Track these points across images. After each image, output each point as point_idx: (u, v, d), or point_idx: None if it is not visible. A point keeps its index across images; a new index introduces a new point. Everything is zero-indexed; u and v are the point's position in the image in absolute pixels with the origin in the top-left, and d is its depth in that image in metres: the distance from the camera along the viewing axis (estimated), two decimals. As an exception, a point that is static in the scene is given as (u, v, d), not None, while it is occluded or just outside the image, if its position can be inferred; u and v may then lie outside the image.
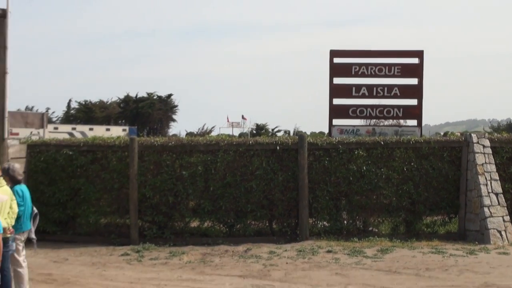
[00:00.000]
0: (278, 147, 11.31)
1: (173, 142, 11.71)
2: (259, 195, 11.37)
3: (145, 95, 69.75)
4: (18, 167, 7.68)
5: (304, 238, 10.97)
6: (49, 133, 27.72)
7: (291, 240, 11.10)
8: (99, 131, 35.14)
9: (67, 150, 11.68)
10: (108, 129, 44.56)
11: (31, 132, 24.36)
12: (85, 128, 42.14)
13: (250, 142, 11.70)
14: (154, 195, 11.33)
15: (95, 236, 11.66)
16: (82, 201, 11.69)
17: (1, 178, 6.97)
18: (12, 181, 7.32)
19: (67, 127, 42.97)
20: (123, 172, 11.42)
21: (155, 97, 70.46)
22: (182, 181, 11.28)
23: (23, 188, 7.52)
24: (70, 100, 71.70)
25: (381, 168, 11.42)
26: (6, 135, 10.90)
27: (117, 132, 36.02)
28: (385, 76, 14.02)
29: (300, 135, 11.38)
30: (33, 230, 7.85)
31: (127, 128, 50.74)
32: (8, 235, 6.71)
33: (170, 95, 71.14)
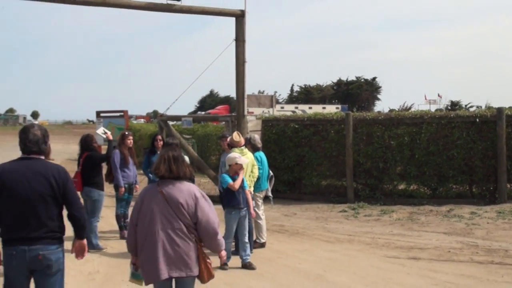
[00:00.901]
0: (477, 119, 11.82)
1: (382, 116, 13.04)
2: (459, 162, 11.97)
3: (354, 79, 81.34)
4: (257, 137, 8.81)
5: (503, 201, 11.30)
6: (276, 112, 30.94)
7: (489, 203, 11.46)
8: (316, 109, 39.17)
9: (293, 124, 13.61)
10: (324, 108, 49.54)
11: (263, 111, 27.38)
12: (305, 107, 47.20)
13: (452, 115, 12.38)
14: (366, 161, 12.60)
15: (317, 195, 13.20)
16: (306, 166, 13.35)
17: (245, 147, 8.04)
18: (253, 148, 8.36)
19: (291, 107, 49.10)
20: (340, 142, 12.85)
21: (362, 80, 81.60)
22: (390, 150, 12.39)
23: (261, 154, 8.55)
24: (292, 85, 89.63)
25: None
26: (245, 113, 12.74)
27: (331, 110, 39.31)
28: None
29: (498, 108, 11.77)
30: (269, 189, 8.80)
31: (339, 106, 56.45)
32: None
33: (374, 78, 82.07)
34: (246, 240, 7.32)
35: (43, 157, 4.29)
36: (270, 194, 8.84)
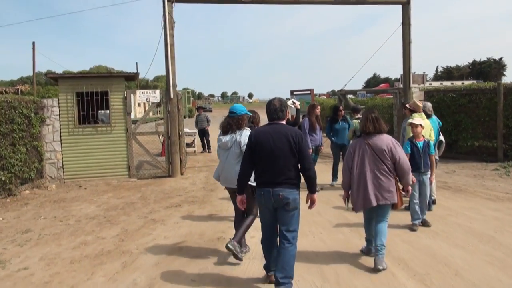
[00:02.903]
0: None
1: None
2: None
3: (485, 59, 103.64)
4: (429, 104, 9.11)
5: None
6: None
7: None
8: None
9: (451, 94, 15.02)
10: (463, 83, 50.94)
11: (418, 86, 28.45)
12: (447, 83, 49.18)
13: None
14: None
15: (471, 155, 14.45)
16: (462, 130, 14.63)
17: (422, 113, 8.41)
18: (425, 115, 8.57)
19: (437, 83, 50.78)
20: (491, 108, 14.06)
21: (492, 60, 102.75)
22: None
23: (432, 120, 8.83)
24: (437, 67, 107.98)
25: None
26: (411, 85, 14.52)
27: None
28: None
29: None
30: (437, 153, 8.93)
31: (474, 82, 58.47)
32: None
33: (501, 58, 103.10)
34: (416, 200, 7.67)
35: (283, 122, 5.12)
36: (437, 157, 8.97)
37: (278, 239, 5.18)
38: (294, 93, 22.48)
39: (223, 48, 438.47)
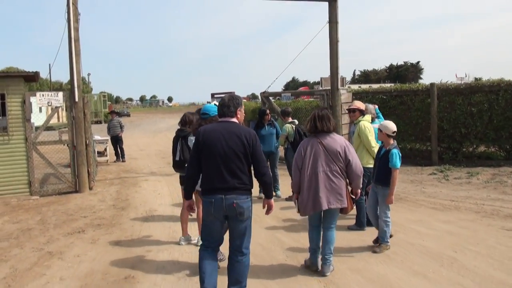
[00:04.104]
0: None
1: (463, 85, 13.63)
2: None
3: (402, 63, 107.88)
4: (372, 107, 8.29)
5: None
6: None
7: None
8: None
9: (381, 95, 14.44)
10: (380, 86, 54.83)
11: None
12: (365, 86, 50.52)
13: None
14: (450, 127, 13.33)
15: (404, 159, 12.75)
16: None
17: (370, 116, 7.71)
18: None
19: (355, 86, 53.16)
20: (424, 110, 13.60)
21: (409, 64, 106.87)
22: (471, 116, 13.09)
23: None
24: (354, 70, 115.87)
25: None
26: (339, 86, 13.31)
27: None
28: None
29: None
30: None
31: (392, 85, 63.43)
32: None
33: (418, 62, 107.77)
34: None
35: (235, 120, 4.70)
36: None
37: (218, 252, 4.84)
38: (215, 95, 21.59)
39: (141, 50, 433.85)
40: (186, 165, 6.12)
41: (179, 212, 7.56)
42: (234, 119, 4.69)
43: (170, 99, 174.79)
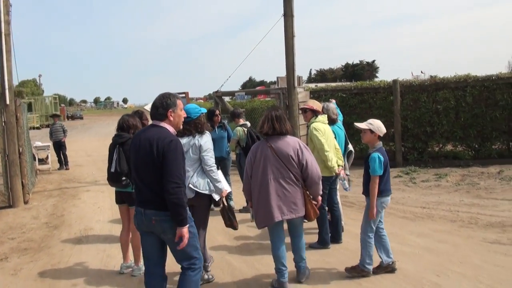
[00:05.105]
0: None
1: (428, 82, 12.81)
2: (501, 123, 12.11)
3: (358, 62, 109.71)
4: (333, 106, 7.06)
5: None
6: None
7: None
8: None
9: (341, 93, 13.46)
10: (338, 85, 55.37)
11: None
12: (322, 85, 50.40)
13: (493, 77, 12.18)
14: (414, 126, 12.58)
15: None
16: (354, 133, 12.17)
17: (325, 116, 6.58)
18: (330, 118, 6.80)
19: (312, 85, 53.02)
20: (387, 108, 12.80)
21: (364, 63, 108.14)
22: (437, 114, 12.35)
23: (335, 127, 6.97)
24: (311, 69, 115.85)
25: None
26: (296, 85, 12.37)
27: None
28: None
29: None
30: (347, 167, 7.18)
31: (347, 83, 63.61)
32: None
33: (373, 61, 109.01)
34: None
35: (165, 124, 4.03)
36: (347, 173, 7.14)
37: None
38: None
39: (95, 51, 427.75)
40: (123, 178, 5.38)
41: (117, 231, 6.66)
42: (164, 123, 4.02)
43: (125, 101, 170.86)
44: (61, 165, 16.96)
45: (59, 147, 16.96)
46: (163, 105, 4.01)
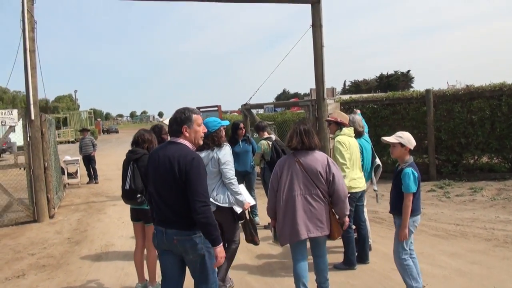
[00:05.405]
0: None
1: (462, 91, 12.25)
2: None
3: (393, 72, 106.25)
4: (359, 118, 6.81)
5: None
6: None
7: None
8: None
9: (372, 104, 13.16)
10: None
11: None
12: (355, 96, 51.17)
13: None
14: (448, 137, 12.09)
15: None
16: (386, 145, 12.75)
17: (352, 128, 6.35)
18: (356, 131, 6.55)
19: (346, 96, 53.44)
20: (419, 119, 12.37)
21: (399, 73, 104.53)
22: (471, 125, 11.83)
23: (362, 140, 6.69)
24: (345, 80, 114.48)
25: None
26: (325, 96, 12.24)
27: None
28: None
29: None
30: (375, 181, 6.98)
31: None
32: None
33: (408, 71, 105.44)
34: None
35: (183, 141, 3.87)
36: (375, 188, 6.93)
37: None
38: (201, 109, 20.36)
39: (131, 67, 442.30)
40: (138, 195, 5.23)
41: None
42: (181, 139, 3.84)
43: (160, 114, 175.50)
44: (91, 179, 17.15)
45: (89, 161, 17.14)
46: (177, 121, 3.86)
